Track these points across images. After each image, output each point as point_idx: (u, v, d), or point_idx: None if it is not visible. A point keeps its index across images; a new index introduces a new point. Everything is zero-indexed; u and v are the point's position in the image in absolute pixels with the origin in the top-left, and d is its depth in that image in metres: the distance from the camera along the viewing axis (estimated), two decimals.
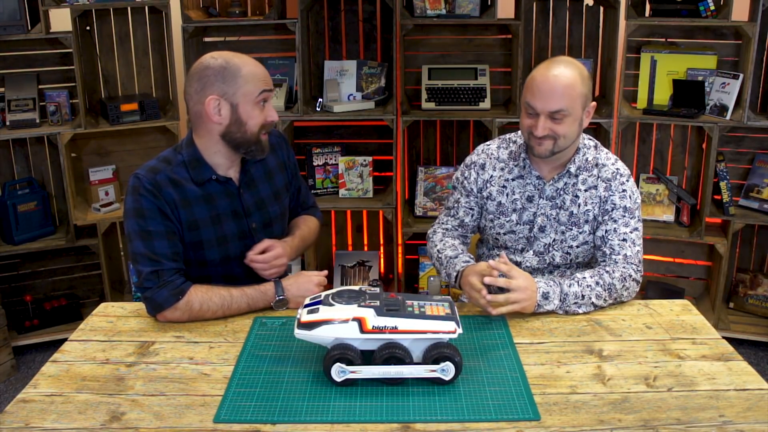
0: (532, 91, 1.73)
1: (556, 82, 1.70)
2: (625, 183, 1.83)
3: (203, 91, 1.65)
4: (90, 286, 3.44)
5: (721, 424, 1.25)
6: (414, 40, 3.29)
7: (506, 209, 1.90)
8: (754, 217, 3.05)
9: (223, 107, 1.65)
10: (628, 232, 1.80)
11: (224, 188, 1.75)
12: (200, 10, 3.19)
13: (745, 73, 2.88)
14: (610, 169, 1.85)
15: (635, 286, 1.76)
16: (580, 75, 1.73)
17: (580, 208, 1.84)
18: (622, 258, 1.77)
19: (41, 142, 3.21)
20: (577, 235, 1.85)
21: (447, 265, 1.83)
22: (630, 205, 1.82)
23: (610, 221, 1.81)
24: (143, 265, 1.63)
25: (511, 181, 1.90)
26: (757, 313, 3.19)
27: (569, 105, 1.70)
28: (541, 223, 1.87)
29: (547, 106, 1.70)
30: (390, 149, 3.19)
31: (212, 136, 1.70)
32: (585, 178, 1.85)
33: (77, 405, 1.33)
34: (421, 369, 1.35)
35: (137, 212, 1.65)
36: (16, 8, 2.83)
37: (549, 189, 1.86)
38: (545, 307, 1.66)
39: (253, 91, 1.66)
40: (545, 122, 1.72)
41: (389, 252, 3.57)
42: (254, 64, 1.70)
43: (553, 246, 1.87)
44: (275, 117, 1.72)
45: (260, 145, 1.71)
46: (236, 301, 1.66)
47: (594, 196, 1.84)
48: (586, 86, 1.74)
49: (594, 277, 1.71)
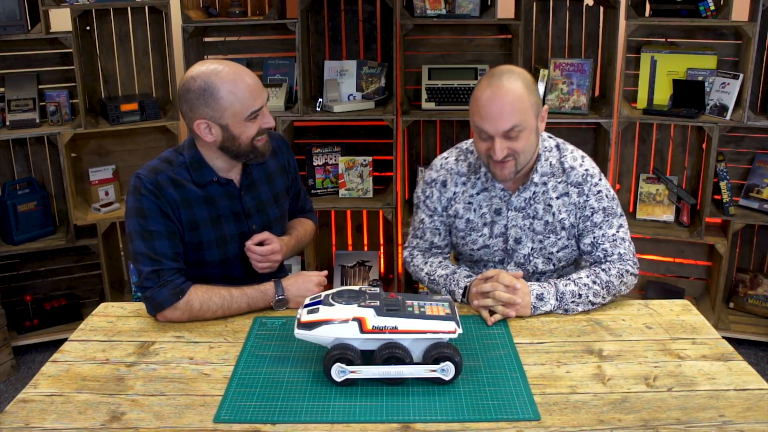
0: (480, 114, 1.63)
1: (502, 99, 1.60)
2: (598, 183, 1.77)
3: (192, 114, 1.64)
4: (90, 286, 3.44)
5: (721, 424, 1.25)
6: (414, 40, 3.29)
7: (476, 224, 1.84)
8: (754, 217, 3.05)
9: (213, 128, 1.64)
10: (616, 232, 1.77)
11: (225, 190, 1.75)
12: (200, 10, 3.19)
13: (745, 73, 2.88)
14: (579, 172, 1.77)
15: (633, 280, 1.76)
16: (524, 84, 1.63)
17: (555, 217, 1.78)
18: (617, 257, 1.76)
19: (41, 142, 3.21)
20: (556, 241, 1.81)
21: (447, 283, 1.79)
22: (608, 204, 1.77)
23: (596, 228, 1.77)
24: (144, 265, 1.63)
25: (476, 196, 1.83)
26: (757, 313, 3.19)
27: (521, 119, 1.61)
28: (515, 235, 1.81)
29: (500, 127, 1.61)
30: (390, 149, 3.19)
31: (210, 147, 1.70)
32: (555, 185, 1.78)
33: (77, 405, 1.33)
34: (421, 369, 1.35)
35: (138, 212, 1.65)
36: (16, 8, 2.83)
37: (516, 200, 1.79)
38: (542, 308, 1.66)
39: (240, 112, 1.62)
40: (501, 143, 1.63)
41: (389, 252, 3.57)
42: (238, 80, 1.61)
43: (533, 255, 1.83)
44: (271, 123, 1.71)
45: (257, 151, 1.71)
46: (236, 300, 1.66)
47: (568, 203, 1.78)
48: (534, 93, 1.65)
49: (590, 276, 1.71)
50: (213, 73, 1.61)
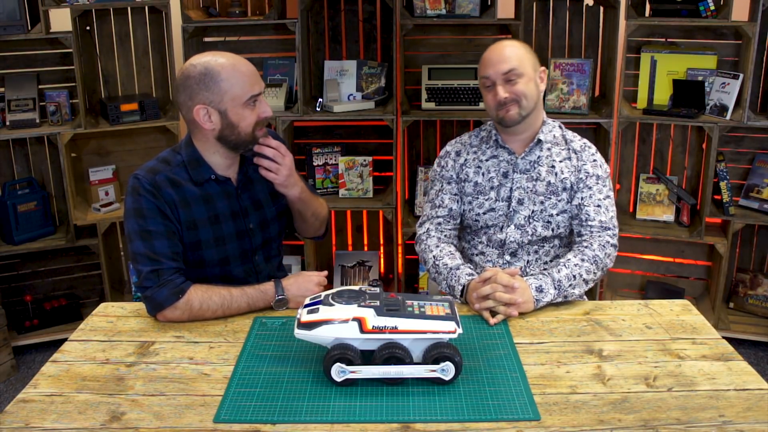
0: (484, 63, 1.89)
1: (502, 48, 1.88)
2: (595, 154, 1.96)
3: (191, 102, 1.64)
4: (90, 286, 3.44)
5: (721, 424, 1.25)
6: (414, 40, 3.29)
7: (484, 188, 1.96)
8: (754, 217, 3.05)
9: (212, 114, 1.64)
10: (602, 199, 1.90)
11: (223, 189, 1.75)
12: (200, 10, 3.20)
13: (745, 73, 2.88)
14: (578, 143, 1.97)
15: (614, 251, 1.87)
16: (523, 45, 1.93)
17: (558, 177, 1.92)
18: (597, 224, 1.88)
19: (41, 142, 3.21)
20: (556, 203, 1.91)
21: (448, 276, 1.83)
22: (601, 173, 1.93)
23: (585, 189, 1.91)
24: (143, 265, 1.63)
25: (485, 162, 1.98)
26: (757, 313, 3.19)
27: (519, 64, 1.84)
28: (518, 197, 1.93)
29: (499, 69, 1.84)
30: (390, 149, 3.19)
31: (208, 140, 1.70)
32: (559, 151, 1.95)
33: (77, 405, 1.33)
34: (421, 369, 1.35)
35: (137, 212, 1.65)
36: (16, 8, 2.83)
37: (522, 163, 1.94)
38: (543, 299, 1.67)
39: (240, 96, 1.63)
40: (503, 86, 1.85)
41: (389, 252, 3.57)
42: (237, 65, 1.65)
43: (533, 217, 1.92)
44: (269, 113, 1.71)
45: (257, 142, 1.72)
46: (236, 300, 1.66)
47: (570, 165, 1.93)
48: (532, 54, 1.91)
49: (577, 255, 1.80)
50: (212, 59, 1.64)
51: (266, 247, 1.87)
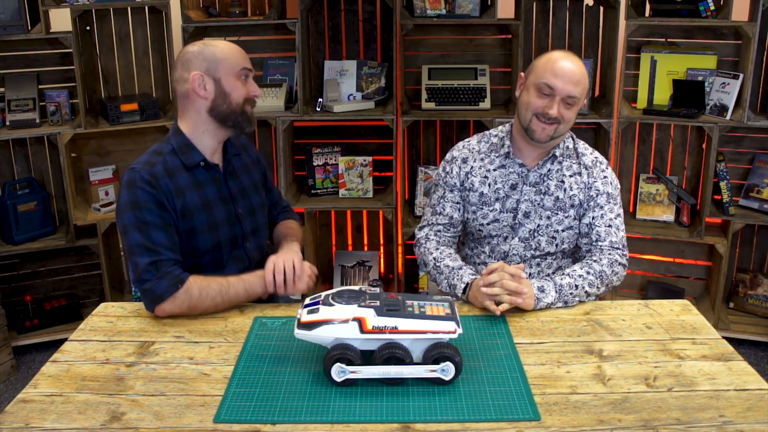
0: (554, 71, 1.76)
1: (576, 69, 1.77)
2: (605, 170, 1.91)
3: (187, 74, 1.72)
4: (90, 286, 3.44)
5: (721, 424, 1.25)
6: (414, 40, 3.29)
7: (489, 199, 1.93)
8: (754, 217, 3.05)
9: (207, 82, 1.71)
10: (613, 218, 1.87)
11: (211, 175, 1.79)
12: (200, 10, 3.20)
13: (745, 73, 2.88)
14: (590, 158, 1.92)
15: (623, 270, 1.85)
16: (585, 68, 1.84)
17: (566, 193, 1.89)
18: (608, 244, 1.85)
19: (41, 142, 3.21)
20: (563, 219, 1.89)
21: (450, 276, 1.83)
22: (612, 191, 1.89)
23: (597, 208, 1.87)
24: (141, 257, 1.63)
25: (492, 171, 1.93)
26: (757, 313, 3.19)
27: (581, 94, 1.79)
28: (525, 209, 1.90)
29: (567, 89, 1.76)
30: (390, 149, 3.19)
31: (200, 115, 1.74)
32: (570, 165, 1.91)
33: (77, 405, 1.33)
34: (421, 369, 1.35)
35: (133, 205, 1.65)
36: (16, 8, 2.83)
37: (533, 175, 1.90)
38: (544, 300, 1.68)
39: (233, 66, 1.73)
40: (559, 105, 1.77)
41: (389, 252, 3.57)
42: (231, 45, 1.79)
43: (538, 231, 1.90)
44: (258, 92, 1.79)
45: (246, 116, 1.77)
46: (233, 286, 1.68)
47: (579, 181, 1.89)
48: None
49: (584, 267, 1.78)
50: (212, 39, 1.83)
51: (256, 235, 1.91)
